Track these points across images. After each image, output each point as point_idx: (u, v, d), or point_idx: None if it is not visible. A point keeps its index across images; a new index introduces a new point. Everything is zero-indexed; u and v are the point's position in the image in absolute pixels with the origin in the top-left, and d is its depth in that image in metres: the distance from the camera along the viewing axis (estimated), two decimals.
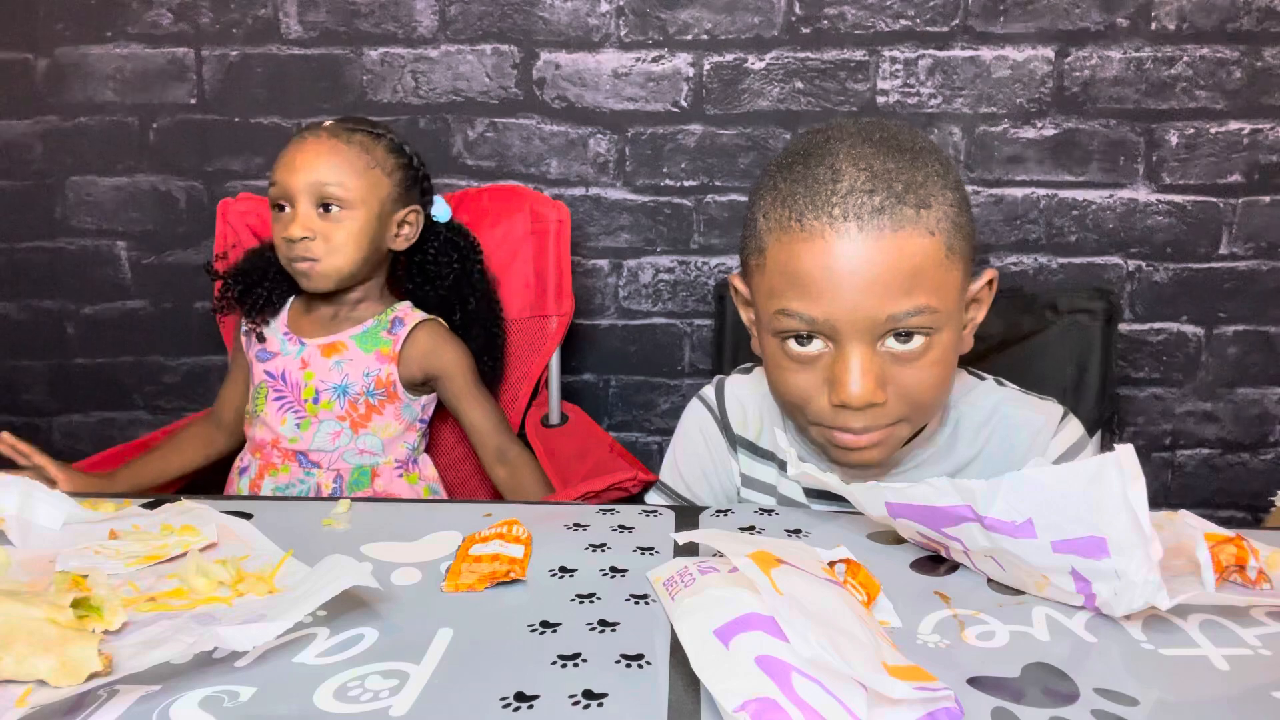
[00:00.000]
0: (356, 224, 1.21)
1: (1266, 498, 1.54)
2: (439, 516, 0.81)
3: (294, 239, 1.19)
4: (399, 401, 1.27)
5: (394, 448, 1.28)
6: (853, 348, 0.75)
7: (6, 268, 1.62)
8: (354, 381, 1.25)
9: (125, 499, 0.84)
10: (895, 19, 1.45)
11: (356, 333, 1.27)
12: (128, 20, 1.53)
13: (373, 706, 0.52)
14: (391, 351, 1.26)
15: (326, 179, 1.20)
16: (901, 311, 0.74)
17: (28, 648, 0.53)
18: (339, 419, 1.25)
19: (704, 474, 0.98)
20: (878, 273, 0.73)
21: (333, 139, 1.22)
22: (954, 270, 0.77)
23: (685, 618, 0.57)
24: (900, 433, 0.81)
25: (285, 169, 1.21)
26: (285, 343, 1.28)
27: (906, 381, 0.77)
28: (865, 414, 0.77)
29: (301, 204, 1.19)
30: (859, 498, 0.73)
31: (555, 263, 1.39)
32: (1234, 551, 0.66)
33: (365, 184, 1.22)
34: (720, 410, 0.97)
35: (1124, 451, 0.59)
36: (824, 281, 0.74)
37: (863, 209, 0.74)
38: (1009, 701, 0.53)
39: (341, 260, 1.21)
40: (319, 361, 1.26)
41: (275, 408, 1.27)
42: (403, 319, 1.28)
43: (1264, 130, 1.44)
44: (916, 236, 0.74)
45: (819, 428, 0.81)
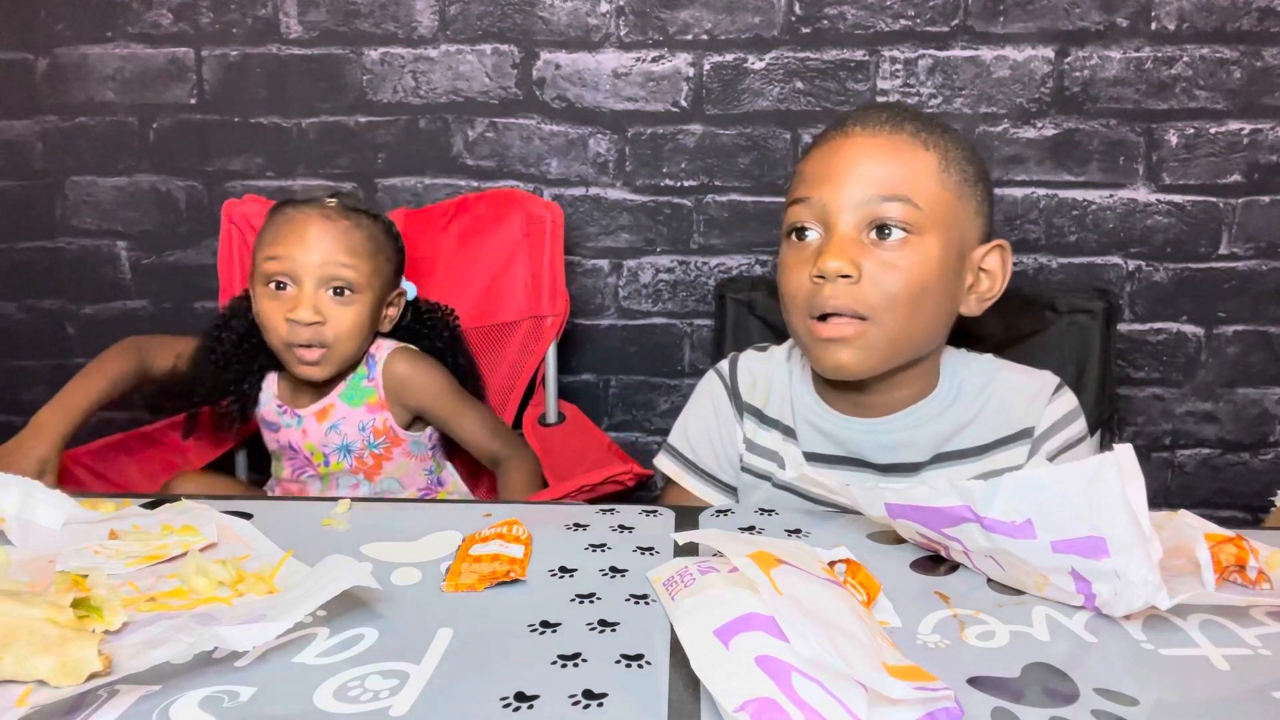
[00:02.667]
0: (364, 308, 1.19)
1: (1266, 498, 1.54)
2: (439, 516, 0.81)
3: (303, 322, 1.14)
4: (404, 443, 1.27)
5: (412, 480, 1.29)
6: (837, 227, 0.86)
7: (6, 268, 1.62)
8: (353, 440, 1.24)
9: (125, 499, 0.84)
10: (895, 19, 1.45)
11: (341, 390, 1.25)
12: (128, 20, 1.53)
13: (373, 706, 0.52)
14: (379, 399, 1.24)
15: (342, 259, 1.16)
16: (884, 195, 0.85)
17: (28, 648, 0.53)
18: (352, 473, 1.26)
19: (709, 438, 1.03)
20: (870, 163, 0.86)
21: (343, 219, 1.18)
22: (947, 191, 0.87)
23: (685, 618, 0.57)
24: (875, 337, 0.86)
25: (295, 245, 1.15)
26: (281, 415, 1.27)
27: (882, 274, 0.85)
28: (839, 290, 0.85)
29: (309, 284, 1.15)
30: (859, 498, 0.73)
31: (550, 263, 1.39)
32: (1234, 551, 0.66)
33: (373, 267, 1.19)
34: (731, 379, 1.03)
35: (1123, 451, 0.59)
36: (824, 169, 0.88)
37: (869, 119, 0.89)
38: (1009, 701, 0.53)
39: (347, 347, 1.19)
40: (315, 429, 1.25)
41: (291, 470, 1.28)
42: (374, 355, 1.26)
43: (1264, 130, 1.44)
44: (912, 145, 0.87)
45: (806, 324, 0.88)
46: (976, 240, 0.91)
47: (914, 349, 0.90)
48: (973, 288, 0.91)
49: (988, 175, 0.93)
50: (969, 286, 0.91)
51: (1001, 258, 0.92)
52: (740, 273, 1.54)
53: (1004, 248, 0.92)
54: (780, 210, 1.51)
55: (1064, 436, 0.93)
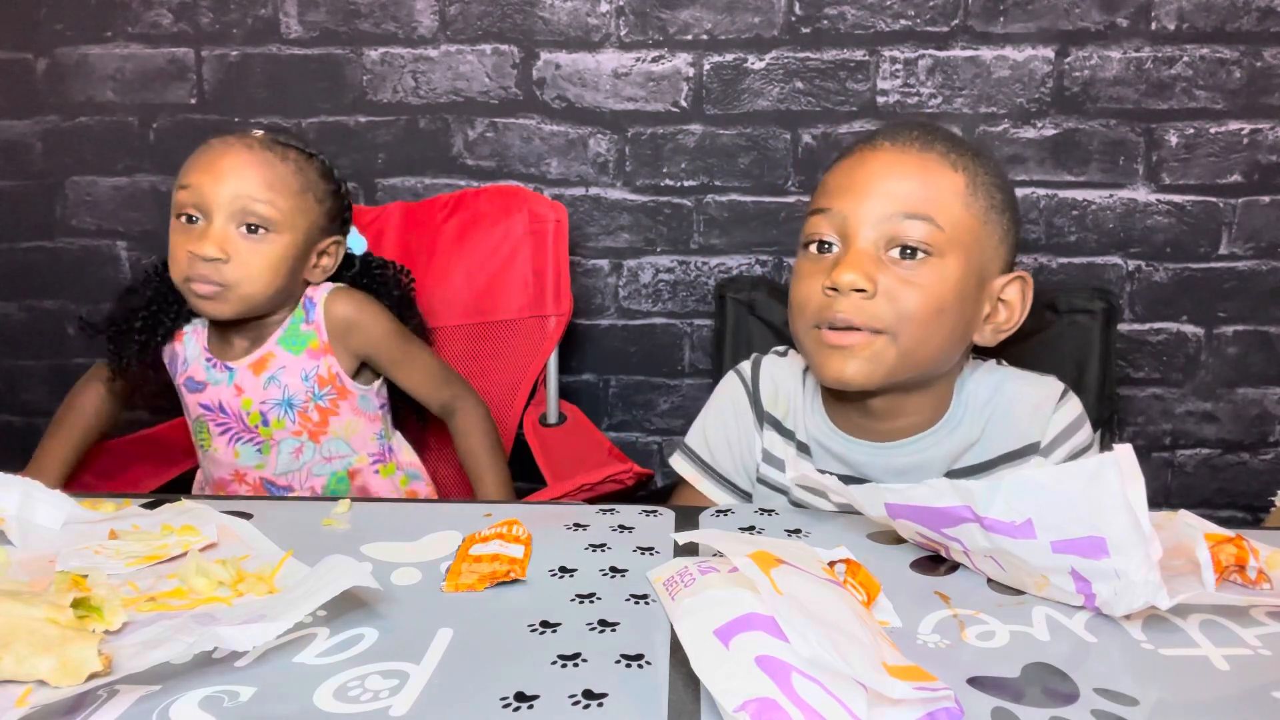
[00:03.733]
0: (278, 249, 1.09)
1: (1266, 498, 1.54)
2: (439, 516, 0.81)
3: (206, 257, 1.06)
4: (352, 395, 1.18)
5: (363, 443, 1.20)
6: (856, 241, 0.84)
7: (6, 268, 1.62)
8: (295, 391, 1.15)
9: (125, 499, 0.84)
10: (895, 19, 1.45)
11: (279, 335, 1.15)
12: (128, 20, 1.53)
13: (373, 706, 0.52)
14: (321, 343, 1.15)
15: (256, 194, 1.07)
16: (907, 212, 0.82)
17: (28, 648, 0.53)
18: (295, 435, 1.16)
19: (728, 442, 1.00)
20: (895, 179, 0.84)
21: (266, 151, 1.09)
22: (973, 215, 0.85)
23: (685, 618, 0.57)
24: (883, 352, 0.83)
25: (205, 174, 1.07)
26: (210, 370, 1.16)
27: (898, 291, 0.82)
28: (852, 304, 0.83)
29: (219, 218, 1.06)
30: (859, 498, 0.73)
31: (553, 263, 1.39)
32: (1234, 551, 0.66)
33: (295, 207, 1.10)
34: (754, 385, 1.00)
35: (1123, 451, 0.59)
36: (848, 181, 0.86)
37: (898, 135, 0.87)
38: (1009, 701, 0.53)
39: (254, 288, 1.09)
40: (252, 383, 1.15)
41: (224, 440, 1.17)
42: (312, 298, 1.17)
43: (1264, 130, 1.44)
44: (941, 165, 0.85)
45: (812, 333, 0.86)
46: (998, 269, 0.89)
47: (921, 371, 0.87)
48: (989, 318, 0.89)
49: (1016, 205, 0.91)
50: (985, 316, 0.89)
51: (1022, 290, 0.89)
52: (740, 273, 1.54)
53: (1025, 280, 0.89)
54: (780, 210, 1.51)
55: (1069, 446, 0.91)
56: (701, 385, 1.58)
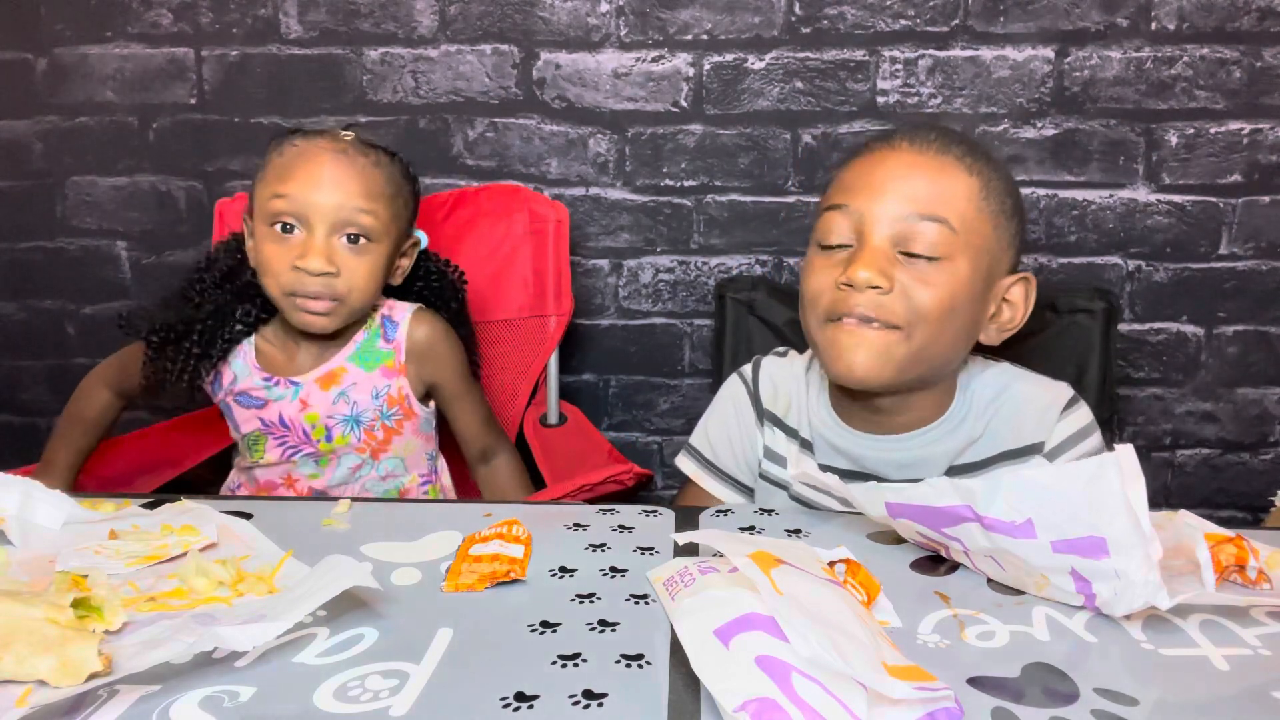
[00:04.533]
0: (378, 258, 1.07)
1: (1266, 498, 1.54)
2: (439, 516, 0.81)
3: (315, 272, 1.02)
4: (417, 417, 1.16)
5: (416, 463, 1.19)
6: (871, 239, 0.85)
7: (6, 268, 1.62)
8: (364, 409, 1.12)
9: (125, 499, 0.84)
10: (895, 19, 1.45)
11: (351, 351, 1.13)
12: (128, 20, 1.53)
13: (373, 706, 0.52)
14: (397, 363, 1.13)
15: (359, 204, 1.04)
16: (922, 213, 0.84)
17: (28, 648, 0.53)
18: (358, 451, 1.14)
19: (729, 440, 1.02)
20: (912, 180, 0.85)
21: (361, 157, 1.05)
22: (984, 218, 0.86)
23: (685, 618, 0.57)
24: (894, 348, 0.84)
25: (305, 183, 1.02)
26: (270, 387, 1.12)
27: (912, 287, 0.84)
28: (868, 300, 0.84)
29: (321, 229, 1.03)
30: (859, 498, 0.73)
31: (554, 263, 1.39)
32: (1234, 551, 0.66)
33: (392, 213, 1.08)
34: (754, 385, 1.02)
35: (1124, 451, 0.59)
36: (865, 179, 0.87)
37: (916, 136, 0.88)
38: (1009, 701, 0.53)
39: (361, 299, 1.07)
40: (319, 397, 1.11)
41: (280, 452, 1.14)
42: (391, 317, 1.15)
43: (1264, 130, 1.44)
44: (957, 168, 0.86)
45: (823, 327, 0.87)
46: (1005, 271, 0.90)
47: (931, 368, 0.89)
48: (994, 317, 0.91)
49: (1024, 211, 0.93)
50: (991, 315, 0.91)
51: (1025, 290, 0.91)
52: (740, 273, 1.54)
53: (1029, 280, 0.91)
54: (780, 210, 1.51)
55: (1077, 452, 0.91)
56: (701, 385, 1.58)
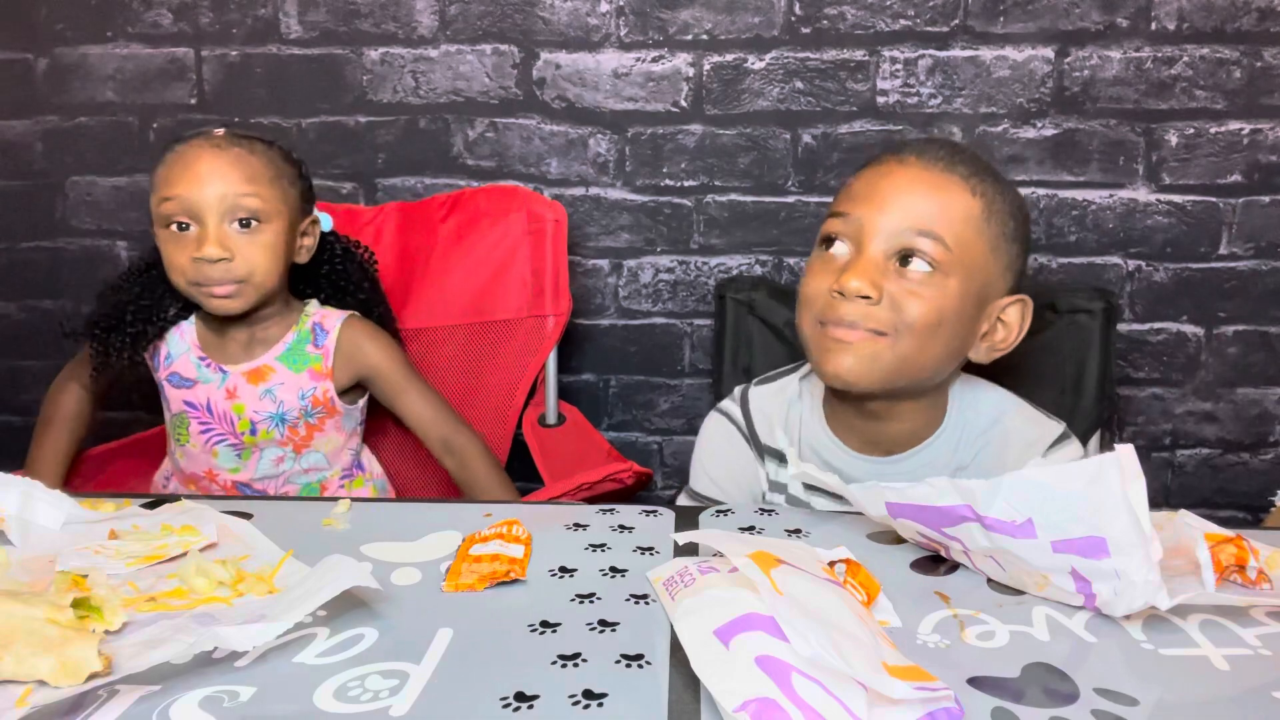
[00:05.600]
0: (272, 236, 1.12)
1: (1266, 498, 1.54)
2: (439, 516, 0.81)
3: (212, 259, 1.08)
4: (338, 415, 1.21)
5: (339, 458, 1.24)
6: (867, 249, 0.86)
7: (6, 268, 1.62)
8: (290, 407, 1.18)
9: (125, 499, 0.84)
10: (895, 19, 1.45)
11: (280, 352, 1.19)
12: (128, 20, 1.53)
13: (373, 706, 0.52)
14: (324, 367, 1.19)
15: (241, 189, 1.10)
16: (918, 229, 0.85)
17: (28, 648, 0.53)
18: (280, 445, 1.19)
19: (730, 474, 1.01)
20: (914, 195, 0.87)
21: (234, 147, 1.12)
22: (983, 240, 0.88)
23: (685, 618, 0.57)
24: (881, 354, 0.86)
25: (187, 182, 1.09)
26: (202, 368, 1.18)
27: (900, 297, 0.85)
28: (857, 309, 0.85)
29: (211, 219, 1.09)
30: (859, 498, 0.73)
31: (552, 263, 1.39)
32: (1234, 551, 0.66)
33: (277, 193, 1.13)
34: (746, 422, 1.01)
35: (1124, 451, 0.59)
36: (870, 190, 0.89)
37: (925, 152, 0.90)
38: (1009, 701, 0.53)
39: (263, 277, 1.12)
40: (247, 390, 1.17)
41: (204, 439, 1.18)
42: (322, 324, 1.21)
43: (1264, 130, 1.44)
44: (960, 188, 0.88)
45: (816, 328, 0.89)
46: (1001, 292, 0.91)
47: (916, 378, 0.89)
48: (986, 336, 0.91)
49: (1029, 235, 0.94)
50: (983, 334, 0.91)
51: (1021, 312, 0.92)
52: (740, 273, 1.54)
53: (1025, 303, 0.92)
54: (780, 210, 1.51)
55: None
56: (701, 385, 1.58)
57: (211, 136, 1.13)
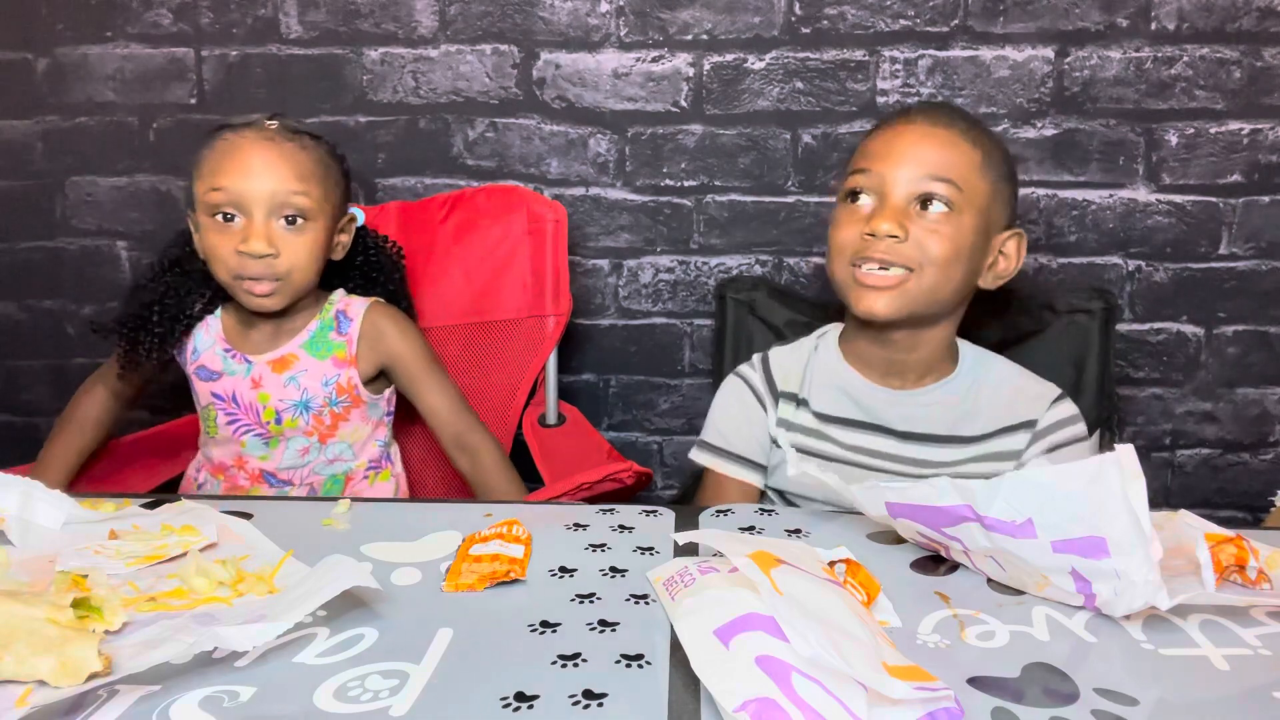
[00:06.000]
0: (316, 235, 1.13)
1: (1266, 498, 1.54)
2: (439, 516, 0.81)
3: (257, 254, 1.09)
4: (363, 404, 1.21)
5: (365, 449, 1.24)
6: (891, 197, 1.00)
7: (6, 268, 1.62)
8: (314, 395, 1.17)
9: (125, 499, 0.84)
10: (895, 19, 1.45)
11: (304, 340, 1.19)
12: (128, 20, 1.53)
13: (373, 706, 0.52)
14: (348, 354, 1.19)
15: (293, 187, 1.10)
16: (934, 175, 0.99)
17: (28, 648, 0.53)
18: (306, 434, 1.19)
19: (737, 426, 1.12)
20: (926, 148, 1.00)
21: (288, 142, 1.12)
22: (985, 182, 1.01)
23: (685, 618, 0.57)
24: (910, 289, 0.99)
25: (238, 173, 1.09)
26: (228, 360, 1.19)
27: (925, 239, 0.99)
28: (887, 246, 0.98)
29: (259, 214, 1.09)
30: (859, 498, 0.73)
31: (552, 263, 1.39)
32: (1234, 551, 0.66)
33: (324, 192, 1.14)
34: (766, 376, 1.13)
35: (1124, 451, 0.59)
36: (886, 147, 1.02)
37: (930, 111, 1.05)
38: (1009, 701, 0.53)
39: (303, 276, 1.13)
40: (271, 379, 1.17)
41: (231, 430, 1.19)
42: (346, 313, 1.21)
43: (1264, 130, 1.44)
44: (962, 141, 1.01)
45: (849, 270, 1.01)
46: (1001, 226, 1.05)
47: (940, 305, 1.02)
48: (992, 266, 1.05)
49: (1016, 175, 1.09)
50: (989, 265, 1.05)
51: (1018, 244, 1.06)
52: (740, 272, 1.54)
53: (1021, 236, 1.06)
54: (780, 210, 1.51)
55: (1065, 434, 1.03)
56: (701, 385, 1.58)
57: (264, 129, 1.12)
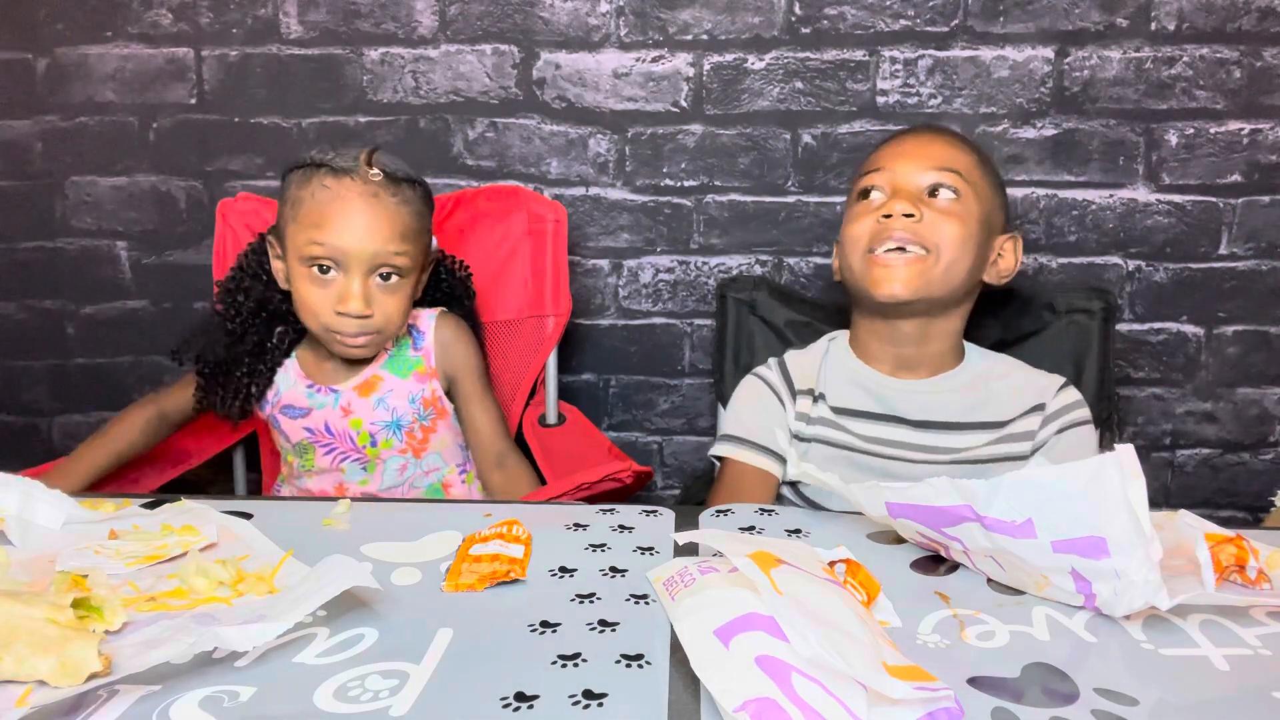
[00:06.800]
0: (409, 289, 1.13)
1: (1266, 498, 1.54)
2: (439, 516, 0.81)
3: (354, 314, 1.08)
4: (448, 414, 1.23)
5: (452, 455, 1.26)
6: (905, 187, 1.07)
7: (6, 268, 1.62)
8: (404, 413, 1.18)
9: (125, 499, 0.84)
10: (895, 19, 1.45)
11: (384, 360, 1.20)
12: (128, 20, 1.53)
13: (373, 706, 0.52)
14: (428, 367, 1.20)
15: (394, 248, 1.09)
16: (940, 167, 1.07)
17: (28, 648, 0.53)
18: (400, 453, 1.20)
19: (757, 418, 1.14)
20: (931, 148, 1.10)
21: (392, 198, 1.09)
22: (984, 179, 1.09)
23: (685, 618, 0.57)
24: (926, 270, 1.04)
25: (341, 230, 1.07)
26: (313, 394, 1.19)
27: (938, 220, 1.05)
28: (904, 226, 1.04)
29: (358, 272, 1.08)
30: (859, 498, 0.73)
31: (552, 263, 1.39)
32: (1234, 551, 0.66)
33: (420, 247, 1.13)
34: (782, 369, 1.17)
35: (1124, 451, 0.59)
36: (896, 149, 1.12)
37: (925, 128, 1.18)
38: (1009, 701, 0.53)
39: (394, 328, 1.14)
40: (360, 404, 1.18)
41: (330, 460, 1.20)
42: (419, 327, 1.22)
43: (1264, 130, 1.44)
44: (961, 144, 1.12)
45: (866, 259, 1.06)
46: (1000, 227, 1.12)
47: (953, 289, 1.06)
48: (994, 263, 1.11)
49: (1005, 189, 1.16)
50: (992, 261, 1.11)
51: (1014, 245, 1.13)
52: (740, 273, 1.54)
53: (1017, 238, 1.13)
54: (780, 210, 1.52)
55: (1072, 417, 1.07)
56: (701, 385, 1.58)
57: (367, 179, 1.08)
